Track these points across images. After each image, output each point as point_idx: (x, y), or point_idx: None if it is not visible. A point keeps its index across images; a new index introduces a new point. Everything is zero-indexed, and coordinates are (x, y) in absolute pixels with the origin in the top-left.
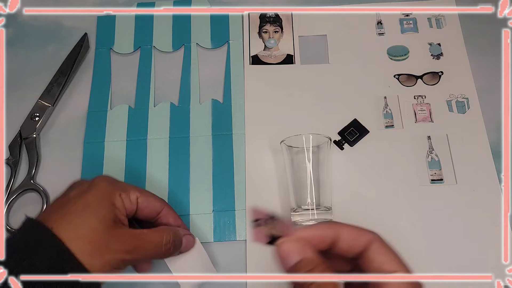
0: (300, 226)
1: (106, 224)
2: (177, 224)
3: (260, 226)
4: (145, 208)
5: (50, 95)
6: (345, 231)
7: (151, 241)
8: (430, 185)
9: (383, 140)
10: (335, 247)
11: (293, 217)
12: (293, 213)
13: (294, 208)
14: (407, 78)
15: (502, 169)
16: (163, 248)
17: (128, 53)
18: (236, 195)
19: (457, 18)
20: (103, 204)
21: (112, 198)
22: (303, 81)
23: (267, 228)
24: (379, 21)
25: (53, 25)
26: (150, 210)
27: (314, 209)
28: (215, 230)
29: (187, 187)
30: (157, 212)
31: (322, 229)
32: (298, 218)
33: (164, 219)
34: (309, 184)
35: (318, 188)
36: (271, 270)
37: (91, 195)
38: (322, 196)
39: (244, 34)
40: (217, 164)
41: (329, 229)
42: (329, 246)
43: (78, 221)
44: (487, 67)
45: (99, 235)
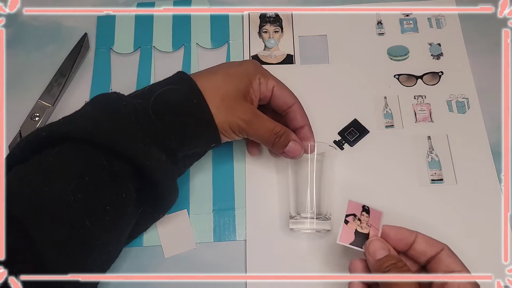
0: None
1: (238, 94)
2: (304, 122)
3: (348, 223)
4: (278, 97)
5: (50, 95)
6: (420, 236)
7: (265, 123)
8: (430, 185)
9: (383, 140)
10: (411, 248)
11: (291, 224)
12: (291, 220)
13: (292, 215)
14: (407, 78)
15: (502, 169)
16: (270, 135)
17: (128, 53)
18: (236, 195)
19: (457, 18)
20: (242, 79)
21: (252, 78)
22: (303, 81)
23: (355, 225)
24: (379, 21)
25: (53, 25)
26: (282, 101)
27: (314, 218)
28: (215, 230)
29: (187, 187)
30: (288, 105)
31: (405, 231)
32: (296, 226)
33: (292, 113)
34: (310, 192)
35: (319, 197)
36: (271, 270)
37: (235, 69)
38: (322, 205)
39: (244, 34)
40: (217, 163)
41: (409, 231)
42: (408, 247)
43: (219, 82)
44: (487, 67)
45: (229, 98)
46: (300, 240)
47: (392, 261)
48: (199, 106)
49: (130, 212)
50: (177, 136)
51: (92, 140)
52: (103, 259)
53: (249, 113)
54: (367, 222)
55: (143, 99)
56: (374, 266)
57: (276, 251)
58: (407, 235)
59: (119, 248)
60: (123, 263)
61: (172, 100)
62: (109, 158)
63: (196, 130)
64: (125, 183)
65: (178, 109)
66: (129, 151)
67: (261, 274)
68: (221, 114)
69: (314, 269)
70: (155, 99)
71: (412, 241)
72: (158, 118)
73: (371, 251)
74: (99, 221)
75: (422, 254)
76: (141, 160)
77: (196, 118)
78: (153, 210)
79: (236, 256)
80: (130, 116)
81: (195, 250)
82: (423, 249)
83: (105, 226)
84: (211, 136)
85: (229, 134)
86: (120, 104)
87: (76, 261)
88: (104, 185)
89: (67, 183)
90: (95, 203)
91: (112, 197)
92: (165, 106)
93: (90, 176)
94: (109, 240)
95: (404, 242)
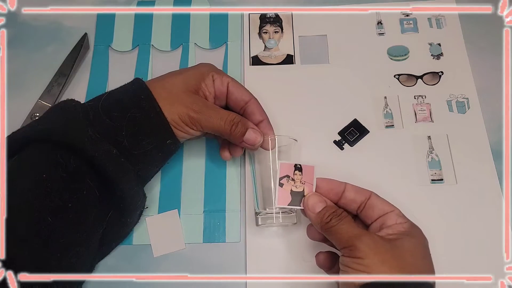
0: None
1: (188, 88)
2: (262, 117)
3: (283, 185)
4: (234, 92)
5: (50, 95)
6: (349, 185)
7: (218, 112)
8: (430, 185)
9: (383, 140)
10: (342, 197)
11: (259, 220)
12: (258, 217)
13: (258, 211)
14: (407, 78)
15: (502, 169)
16: (225, 123)
17: (126, 50)
18: (227, 197)
19: (457, 18)
20: (193, 75)
21: (204, 75)
22: (303, 81)
23: (289, 186)
24: (379, 21)
25: (53, 25)
26: (239, 96)
27: (280, 212)
28: (205, 231)
29: (179, 187)
30: (244, 101)
31: (335, 182)
32: (263, 222)
33: (250, 108)
34: (274, 186)
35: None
36: (270, 270)
37: (186, 70)
38: None
39: (244, 35)
40: (210, 165)
41: (339, 182)
42: (339, 197)
43: (168, 79)
44: (487, 67)
45: (178, 91)
46: (300, 240)
47: (331, 210)
48: (146, 99)
49: (95, 213)
50: (127, 131)
51: (44, 138)
52: (72, 261)
53: (199, 103)
54: (301, 180)
55: (94, 100)
56: (316, 220)
57: (276, 251)
58: (337, 185)
59: (90, 252)
60: (111, 258)
61: (120, 98)
62: (65, 155)
63: (146, 124)
64: (83, 179)
65: (125, 105)
66: (78, 144)
67: (261, 275)
68: (169, 105)
69: (314, 270)
70: (105, 98)
71: (342, 190)
72: (106, 114)
73: (310, 207)
74: (61, 218)
75: (352, 202)
76: (89, 151)
77: (144, 111)
78: (120, 214)
79: (226, 257)
80: (79, 114)
81: (184, 250)
82: (353, 197)
83: (68, 224)
84: (162, 130)
85: (182, 127)
86: (70, 105)
87: (42, 257)
88: (62, 182)
89: (26, 181)
90: (55, 199)
91: (73, 194)
92: (114, 104)
93: (48, 174)
94: (74, 240)
95: (335, 192)
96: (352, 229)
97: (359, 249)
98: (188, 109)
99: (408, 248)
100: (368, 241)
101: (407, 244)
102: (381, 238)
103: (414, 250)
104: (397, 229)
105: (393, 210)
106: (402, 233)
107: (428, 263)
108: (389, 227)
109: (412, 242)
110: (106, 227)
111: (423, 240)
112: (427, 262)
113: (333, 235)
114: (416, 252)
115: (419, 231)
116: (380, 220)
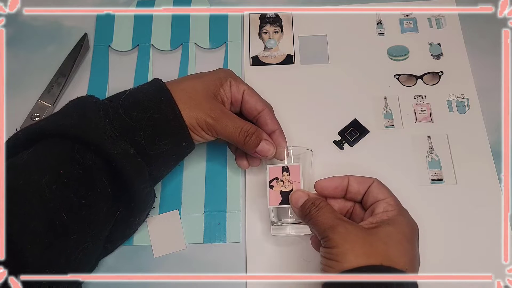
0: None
1: (207, 93)
2: (275, 127)
3: (273, 187)
4: (248, 101)
5: (50, 95)
6: (352, 177)
7: (234, 120)
8: (430, 185)
9: (383, 140)
10: (348, 191)
11: (273, 230)
12: (272, 227)
13: (273, 221)
14: (407, 78)
15: (502, 169)
16: (240, 133)
17: (126, 50)
18: (228, 197)
19: (457, 18)
20: (212, 81)
21: (222, 81)
22: (303, 81)
23: (279, 187)
24: (379, 21)
25: (53, 25)
26: (253, 105)
27: (295, 223)
28: (205, 232)
29: (180, 188)
30: (258, 110)
31: (337, 178)
32: (277, 232)
33: (263, 118)
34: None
35: None
36: (271, 270)
37: (206, 74)
38: None
39: (244, 35)
40: (210, 165)
41: (341, 178)
42: (345, 192)
43: (188, 83)
44: (487, 67)
45: (197, 95)
46: (300, 240)
47: (310, 202)
48: (166, 102)
49: (106, 211)
50: (146, 132)
51: (62, 133)
52: (79, 257)
53: (217, 110)
54: (289, 180)
55: (114, 99)
56: (300, 214)
57: (276, 251)
58: (340, 181)
59: (96, 248)
60: (111, 258)
61: (141, 98)
62: (82, 151)
63: (164, 125)
64: (98, 175)
65: (145, 106)
66: (97, 141)
67: (261, 274)
68: (188, 109)
69: (314, 269)
70: (125, 97)
71: (346, 185)
72: (126, 114)
73: (294, 202)
74: (75, 214)
75: (357, 193)
76: (108, 149)
77: (163, 113)
78: (130, 213)
79: (226, 258)
80: (99, 111)
81: (184, 251)
82: (357, 189)
83: (81, 221)
84: (180, 132)
85: (198, 131)
86: (91, 102)
87: (52, 253)
88: (78, 178)
89: (42, 176)
90: (70, 195)
91: (87, 191)
92: (134, 103)
93: (64, 169)
94: (84, 237)
95: (340, 189)
96: (329, 220)
97: (332, 239)
98: (206, 115)
99: (381, 236)
100: (341, 230)
101: (382, 232)
102: (355, 227)
103: (387, 238)
104: (380, 217)
105: (385, 199)
106: (383, 221)
107: (404, 251)
108: (375, 215)
109: (388, 229)
110: (113, 225)
111: (404, 228)
112: (401, 250)
113: (313, 226)
114: (390, 240)
115: (404, 219)
116: (371, 208)
